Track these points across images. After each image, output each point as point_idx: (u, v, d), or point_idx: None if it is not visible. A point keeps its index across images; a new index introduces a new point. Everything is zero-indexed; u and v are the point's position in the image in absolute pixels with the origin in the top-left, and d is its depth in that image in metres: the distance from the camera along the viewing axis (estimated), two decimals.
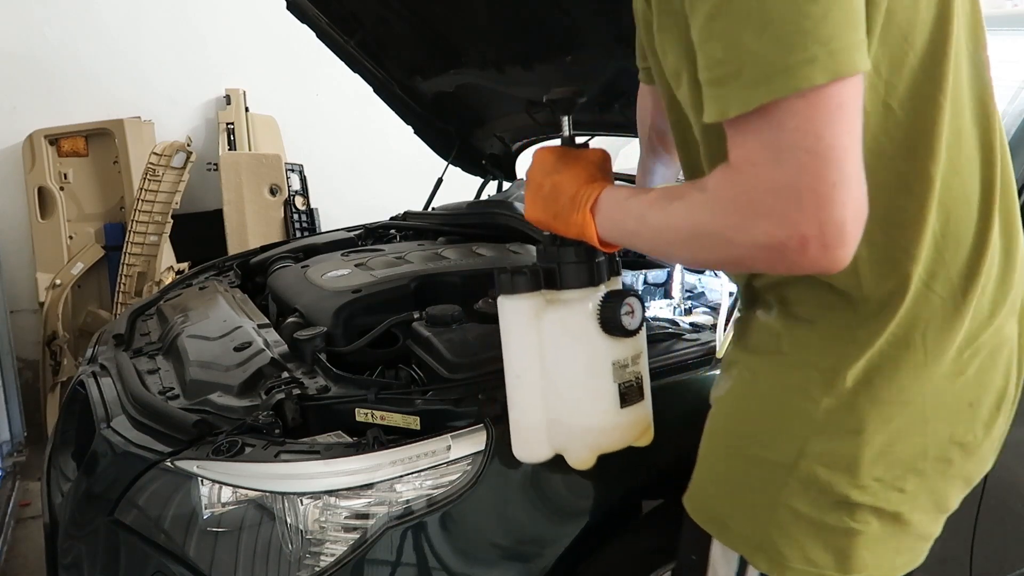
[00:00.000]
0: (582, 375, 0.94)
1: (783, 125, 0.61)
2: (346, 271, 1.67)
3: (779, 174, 0.62)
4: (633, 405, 0.95)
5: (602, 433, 0.95)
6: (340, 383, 1.22)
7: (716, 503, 0.89)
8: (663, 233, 0.76)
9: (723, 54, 0.63)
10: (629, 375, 0.94)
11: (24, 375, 3.32)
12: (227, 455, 1.09)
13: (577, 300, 0.93)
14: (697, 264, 0.82)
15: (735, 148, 0.65)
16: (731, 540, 0.86)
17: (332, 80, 3.05)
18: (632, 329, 0.92)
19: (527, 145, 2.46)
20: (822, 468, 0.79)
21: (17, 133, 3.32)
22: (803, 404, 0.80)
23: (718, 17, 0.63)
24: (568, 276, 0.94)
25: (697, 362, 1.24)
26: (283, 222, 3.58)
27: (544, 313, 0.94)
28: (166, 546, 1.07)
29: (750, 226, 0.64)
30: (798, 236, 0.62)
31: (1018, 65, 1.56)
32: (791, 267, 0.65)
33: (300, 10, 2.01)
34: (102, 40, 3.47)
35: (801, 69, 0.60)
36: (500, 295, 0.96)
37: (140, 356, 1.55)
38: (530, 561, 1.06)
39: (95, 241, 3.41)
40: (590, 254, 0.93)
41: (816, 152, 0.61)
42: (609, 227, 0.84)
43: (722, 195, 0.67)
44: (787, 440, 0.81)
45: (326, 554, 1.02)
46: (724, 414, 0.90)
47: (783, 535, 0.82)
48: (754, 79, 0.61)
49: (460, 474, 1.05)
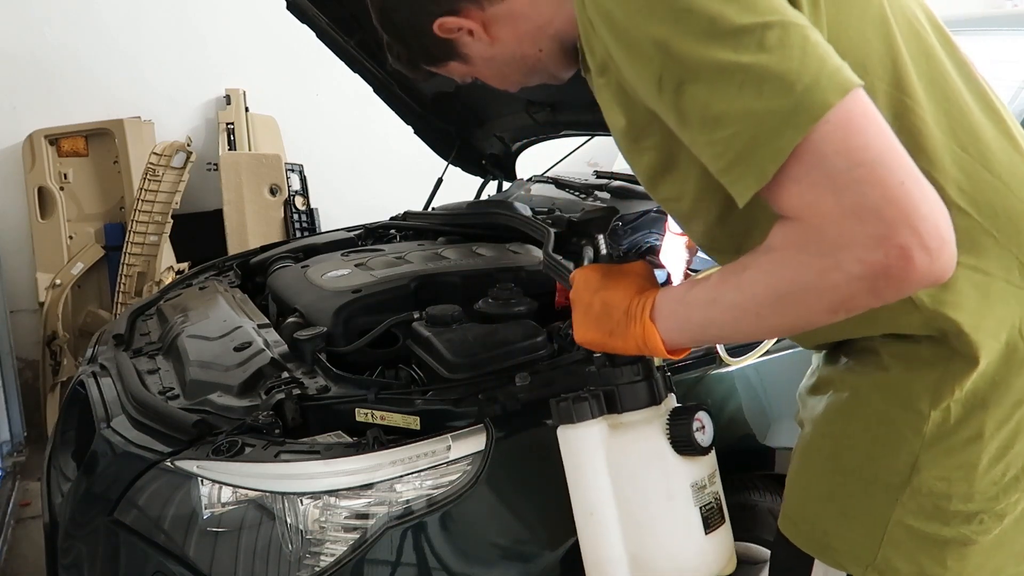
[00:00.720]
0: (661, 503, 0.86)
1: (823, 154, 0.60)
2: (346, 271, 1.67)
3: (845, 200, 0.60)
4: (718, 529, 0.89)
5: (689, 564, 0.88)
6: (340, 383, 1.22)
7: (820, 524, 0.86)
8: (744, 309, 0.71)
9: (730, 130, 0.63)
10: (709, 496, 0.89)
11: (24, 375, 3.32)
12: (227, 455, 1.09)
13: (643, 422, 0.87)
14: (794, 329, 0.77)
15: (785, 202, 0.64)
16: (838, 560, 0.85)
17: (332, 80, 3.05)
18: (706, 446, 0.87)
19: (527, 145, 2.45)
20: (938, 481, 0.78)
21: (17, 133, 3.32)
22: (912, 419, 0.79)
23: (712, 104, 0.63)
24: (628, 397, 0.88)
25: (697, 362, 1.25)
26: (283, 222, 3.58)
27: (610, 441, 0.87)
28: (166, 546, 1.07)
29: (840, 262, 0.61)
30: (896, 249, 0.59)
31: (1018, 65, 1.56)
32: (900, 287, 0.62)
33: (300, 10, 2.00)
34: (102, 40, 3.47)
35: (812, 97, 0.60)
36: (560, 425, 0.90)
37: (140, 356, 1.55)
38: (530, 561, 1.06)
39: (95, 241, 3.41)
40: (648, 371, 0.89)
41: (869, 162, 0.60)
42: (675, 328, 0.79)
43: (794, 245, 0.65)
44: (898, 457, 0.80)
45: (326, 554, 1.02)
46: (824, 434, 0.87)
47: (897, 551, 0.81)
48: (772, 131, 0.61)
49: (460, 474, 1.05)
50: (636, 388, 0.88)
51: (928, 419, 0.78)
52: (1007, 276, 0.76)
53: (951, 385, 0.77)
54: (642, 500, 0.87)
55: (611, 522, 0.87)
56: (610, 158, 2.66)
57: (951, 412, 0.77)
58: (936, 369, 0.78)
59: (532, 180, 2.43)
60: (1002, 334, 0.77)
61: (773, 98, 0.60)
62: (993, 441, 0.78)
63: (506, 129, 2.36)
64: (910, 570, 0.81)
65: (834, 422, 0.86)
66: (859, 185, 0.59)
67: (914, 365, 0.79)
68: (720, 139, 0.64)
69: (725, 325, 0.75)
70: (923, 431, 0.78)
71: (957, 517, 0.79)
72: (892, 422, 0.80)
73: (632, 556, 0.87)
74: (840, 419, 0.85)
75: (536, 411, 1.09)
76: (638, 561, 0.88)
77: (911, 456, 0.79)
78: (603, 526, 0.88)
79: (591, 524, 0.89)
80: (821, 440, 0.87)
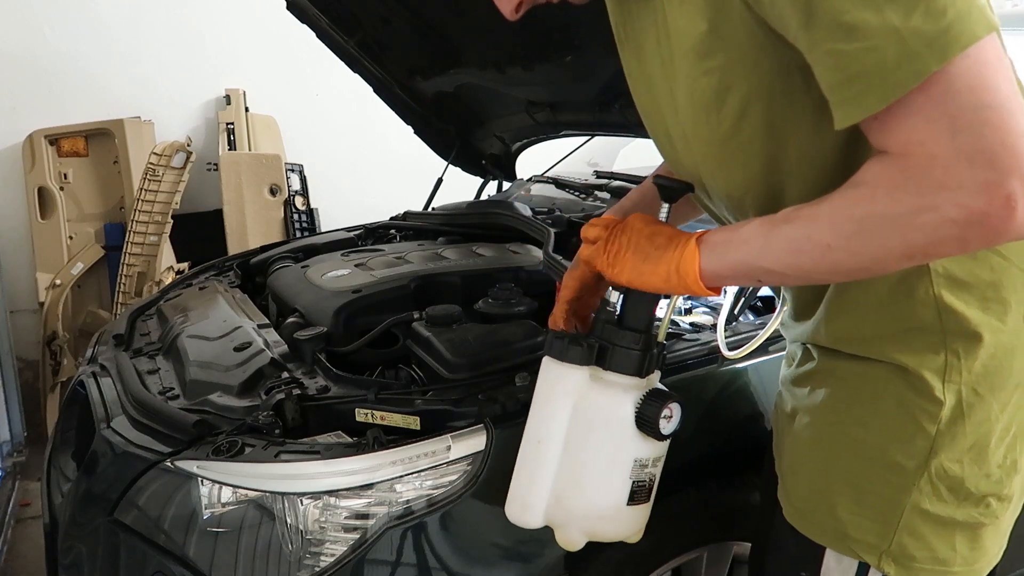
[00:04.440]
0: (602, 462, 0.91)
1: (952, 91, 0.58)
2: (346, 271, 1.67)
3: (961, 141, 0.58)
4: (639, 505, 0.93)
5: (601, 522, 0.93)
6: (340, 383, 1.22)
7: (834, 514, 0.86)
8: (814, 240, 0.68)
9: (864, 43, 0.59)
10: (645, 476, 0.92)
11: (24, 375, 3.32)
12: (227, 455, 1.08)
13: (620, 387, 0.90)
14: (858, 272, 0.71)
15: (894, 136, 0.61)
16: (852, 549, 0.85)
17: (332, 80, 3.05)
18: (665, 434, 0.89)
19: (527, 145, 2.46)
20: (953, 464, 0.79)
21: (17, 133, 3.32)
22: (926, 404, 0.79)
23: (851, 11, 0.59)
24: (619, 360, 0.89)
25: (697, 362, 1.25)
26: (283, 222, 3.58)
27: (585, 390, 0.90)
28: (166, 546, 1.07)
29: (939, 203, 0.59)
30: (1002, 198, 0.57)
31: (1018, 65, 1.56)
32: (992, 237, 0.60)
33: (300, 10, 2.00)
34: (102, 40, 3.47)
35: (963, 26, 0.57)
36: (547, 356, 0.93)
37: (140, 356, 1.55)
38: (530, 561, 1.06)
39: (95, 241, 3.41)
40: (647, 344, 0.89)
41: (997, 105, 0.57)
42: (720, 256, 0.76)
43: (891, 182, 0.62)
44: (914, 441, 0.80)
45: (326, 554, 1.02)
46: (831, 422, 0.86)
47: (913, 537, 0.81)
48: (911, 54, 0.58)
49: (460, 474, 1.05)
50: (630, 355, 0.89)
51: (943, 403, 0.78)
52: (1021, 264, 0.77)
53: (958, 367, 0.78)
54: (587, 452, 0.91)
55: (552, 457, 0.92)
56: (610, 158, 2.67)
57: (962, 395, 0.78)
58: (939, 354, 0.78)
59: (532, 180, 2.43)
60: (1008, 318, 0.78)
61: (922, 18, 0.57)
62: (999, 423, 0.79)
63: (506, 129, 2.36)
64: (923, 555, 0.82)
65: (844, 410, 0.85)
66: (980, 127, 0.57)
67: (917, 348, 0.79)
68: (849, 51, 0.60)
69: (783, 257, 0.71)
70: (938, 415, 0.79)
71: (969, 500, 0.80)
72: (908, 407, 0.80)
73: (556, 493, 0.93)
74: (851, 407, 0.85)
75: None
76: (560, 499, 0.93)
77: (928, 440, 0.79)
78: (544, 457, 0.93)
79: (535, 450, 0.94)
80: (831, 428, 0.87)
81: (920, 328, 0.79)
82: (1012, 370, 0.79)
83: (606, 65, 1.64)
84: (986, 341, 0.77)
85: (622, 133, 2.07)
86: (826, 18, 0.61)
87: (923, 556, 0.82)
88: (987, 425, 0.79)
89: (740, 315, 1.38)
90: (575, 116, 2.03)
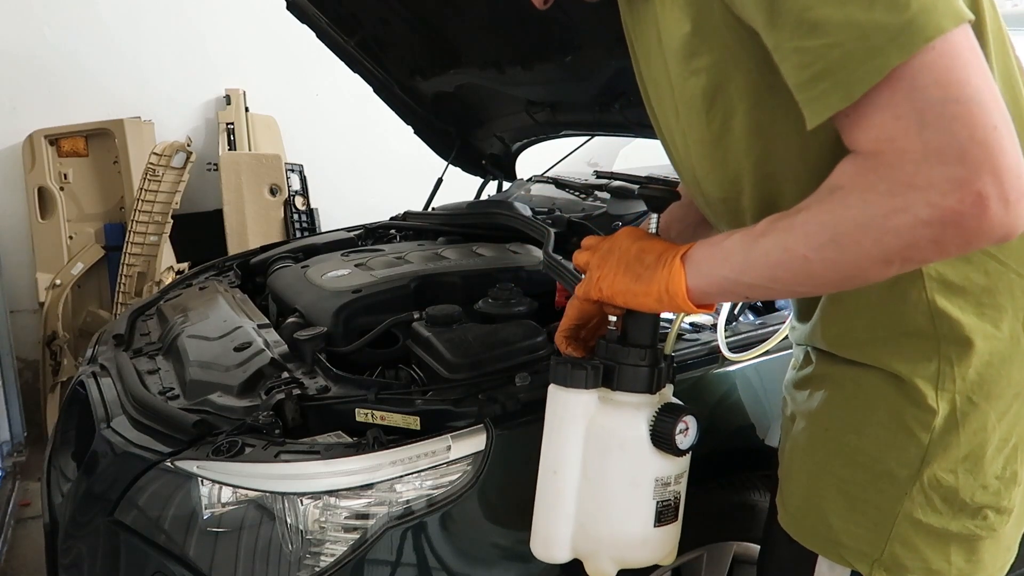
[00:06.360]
0: (623, 486, 0.88)
1: (917, 85, 0.56)
2: (346, 271, 1.67)
3: (929, 136, 0.56)
4: (667, 525, 0.90)
5: (629, 548, 0.90)
6: (340, 383, 1.22)
7: (825, 521, 0.85)
8: (791, 252, 0.65)
9: (826, 39, 0.58)
10: (669, 494, 0.89)
11: (24, 375, 3.32)
12: (227, 455, 1.08)
13: (632, 406, 0.87)
14: (840, 283, 0.68)
15: (863, 133, 0.60)
16: (844, 557, 0.84)
17: (332, 80, 3.05)
18: (684, 449, 0.87)
19: (527, 145, 2.46)
20: (947, 474, 0.78)
21: (17, 133, 3.32)
22: (918, 412, 0.78)
23: (814, 8, 0.58)
24: (626, 379, 0.87)
25: (697, 362, 1.25)
26: (283, 222, 3.58)
27: (595, 413, 0.88)
28: (166, 546, 1.07)
29: (910, 204, 0.57)
30: (972, 196, 0.55)
31: None
32: (970, 238, 0.57)
33: (300, 10, 2.00)
34: (102, 40, 3.48)
35: (927, 19, 0.55)
36: (552, 384, 0.91)
37: (140, 356, 1.55)
38: (530, 561, 1.06)
39: (95, 241, 3.41)
40: (654, 359, 0.88)
41: (965, 99, 0.55)
42: (705, 273, 0.74)
43: (864, 182, 0.60)
44: (907, 449, 0.79)
45: (326, 554, 1.02)
46: (826, 428, 0.85)
47: (905, 547, 0.80)
48: (873, 48, 0.56)
49: (460, 474, 1.05)
50: (637, 372, 0.87)
51: (936, 412, 0.77)
52: (1019, 269, 0.76)
53: (951, 375, 0.76)
54: (606, 477, 0.89)
55: (571, 486, 0.90)
56: (610, 158, 2.67)
57: (956, 403, 0.77)
58: (932, 361, 0.77)
59: (532, 180, 2.43)
60: (1003, 324, 0.76)
61: (884, 12, 0.56)
62: (996, 433, 0.78)
63: (506, 129, 2.36)
64: (916, 565, 0.80)
65: (838, 416, 0.85)
66: (949, 122, 0.55)
67: (911, 355, 0.78)
68: (812, 47, 0.59)
69: (763, 271, 0.69)
70: (932, 424, 0.77)
71: (964, 511, 0.79)
72: (901, 415, 0.79)
73: (580, 523, 0.90)
74: (842, 412, 0.84)
75: (536, 411, 1.09)
76: (584, 528, 0.90)
77: (920, 449, 0.78)
78: (562, 487, 0.90)
79: (552, 481, 0.91)
80: (825, 434, 0.86)
81: (913, 333, 0.77)
82: (1010, 379, 0.77)
83: (606, 65, 1.64)
84: (979, 348, 0.76)
85: (622, 133, 2.07)
86: (790, 16, 0.60)
87: (916, 567, 0.80)
88: (983, 435, 0.77)
89: (740, 315, 1.38)
90: (575, 116, 2.03)
